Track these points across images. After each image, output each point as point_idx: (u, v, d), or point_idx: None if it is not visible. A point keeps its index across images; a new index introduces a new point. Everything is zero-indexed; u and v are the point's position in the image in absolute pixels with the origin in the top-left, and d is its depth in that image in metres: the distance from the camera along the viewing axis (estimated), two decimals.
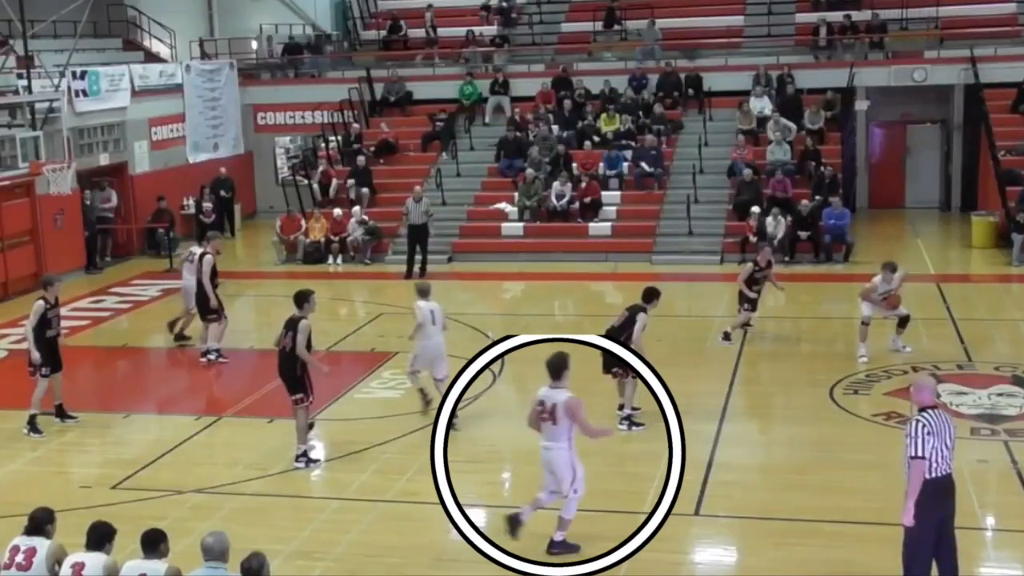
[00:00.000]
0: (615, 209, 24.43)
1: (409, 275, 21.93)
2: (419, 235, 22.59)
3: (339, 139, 27.63)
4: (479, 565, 9.83)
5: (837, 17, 28.88)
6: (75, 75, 23.76)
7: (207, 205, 26.38)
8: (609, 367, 13.00)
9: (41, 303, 13.57)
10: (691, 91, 27.73)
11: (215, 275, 16.63)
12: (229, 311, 17.04)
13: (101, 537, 7.70)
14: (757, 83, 27.05)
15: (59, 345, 13.84)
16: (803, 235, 22.73)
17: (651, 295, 13.35)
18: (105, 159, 25.21)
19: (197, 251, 16.86)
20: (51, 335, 13.63)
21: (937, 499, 8.31)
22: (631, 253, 23.25)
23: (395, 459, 12.44)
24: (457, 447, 12.85)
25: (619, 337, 12.94)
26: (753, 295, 16.61)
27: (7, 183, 21.58)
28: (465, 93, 28.65)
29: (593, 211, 24.25)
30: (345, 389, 14.95)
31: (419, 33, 31.57)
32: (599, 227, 24.08)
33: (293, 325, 12.09)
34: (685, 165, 25.15)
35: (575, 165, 25.27)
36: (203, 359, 16.60)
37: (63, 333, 14.17)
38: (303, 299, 12.27)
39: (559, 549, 9.82)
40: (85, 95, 24.14)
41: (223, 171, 27.73)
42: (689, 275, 21.77)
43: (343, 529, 10.68)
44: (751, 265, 16.91)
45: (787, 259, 22.19)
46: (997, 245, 23.18)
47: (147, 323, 19.78)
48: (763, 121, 25.99)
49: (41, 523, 7.92)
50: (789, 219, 22.65)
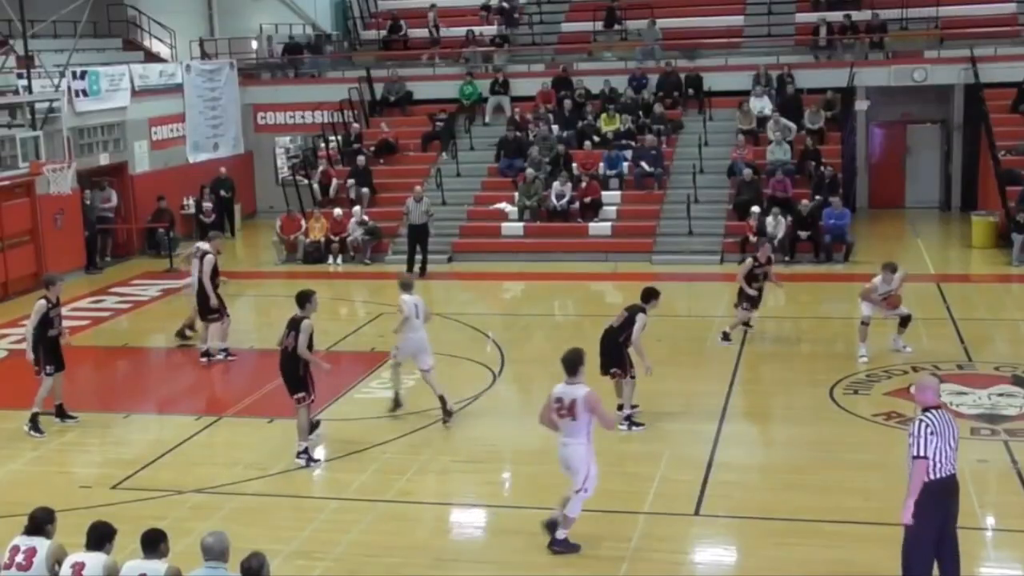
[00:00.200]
0: (615, 209, 24.42)
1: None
2: (419, 235, 22.60)
3: (339, 139, 27.61)
4: (479, 565, 9.86)
5: (837, 17, 28.86)
6: (75, 75, 23.74)
7: (207, 205, 26.39)
8: (607, 368, 12.99)
9: (43, 302, 13.55)
10: (691, 91, 27.71)
11: (216, 274, 16.61)
12: (230, 311, 17.00)
13: (101, 537, 7.69)
14: (757, 83, 27.03)
15: (61, 344, 13.83)
16: (803, 235, 22.71)
17: (650, 295, 13.32)
18: (105, 159, 25.19)
19: (205, 247, 16.84)
20: (53, 334, 13.63)
21: (941, 499, 8.28)
22: (631, 253, 23.23)
23: (395, 459, 12.44)
24: (457, 447, 12.91)
25: (618, 337, 12.97)
26: (753, 292, 16.57)
27: (7, 183, 21.56)
28: (465, 93, 28.64)
29: (593, 211, 24.24)
30: (345, 389, 14.93)
31: (419, 33, 31.57)
32: (599, 227, 24.06)
33: (296, 325, 12.14)
34: (685, 165, 25.13)
35: (575, 165, 25.25)
36: (203, 359, 16.57)
37: (67, 333, 14.14)
38: (305, 299, 12.31)
39: (561, 547, 9.81)
40: (85, 95, 24.13)
41: (223, 171, 27.72)
42: (689, 275, 21.74)
43: (343, 529, 10.67)
44: (751, 260, 16.89)
45: (787, 259, 22.18)
46: (997, 245, 23.17)
47: (147, 323, 19.79)
48: (763, 121, 25.97)
49: (41, 523, 7.90)
50: (789, 219, 22.63)
